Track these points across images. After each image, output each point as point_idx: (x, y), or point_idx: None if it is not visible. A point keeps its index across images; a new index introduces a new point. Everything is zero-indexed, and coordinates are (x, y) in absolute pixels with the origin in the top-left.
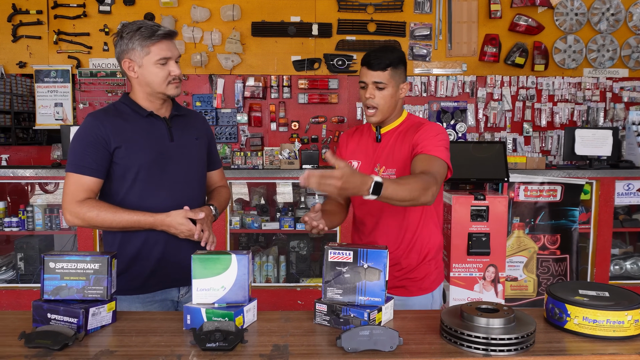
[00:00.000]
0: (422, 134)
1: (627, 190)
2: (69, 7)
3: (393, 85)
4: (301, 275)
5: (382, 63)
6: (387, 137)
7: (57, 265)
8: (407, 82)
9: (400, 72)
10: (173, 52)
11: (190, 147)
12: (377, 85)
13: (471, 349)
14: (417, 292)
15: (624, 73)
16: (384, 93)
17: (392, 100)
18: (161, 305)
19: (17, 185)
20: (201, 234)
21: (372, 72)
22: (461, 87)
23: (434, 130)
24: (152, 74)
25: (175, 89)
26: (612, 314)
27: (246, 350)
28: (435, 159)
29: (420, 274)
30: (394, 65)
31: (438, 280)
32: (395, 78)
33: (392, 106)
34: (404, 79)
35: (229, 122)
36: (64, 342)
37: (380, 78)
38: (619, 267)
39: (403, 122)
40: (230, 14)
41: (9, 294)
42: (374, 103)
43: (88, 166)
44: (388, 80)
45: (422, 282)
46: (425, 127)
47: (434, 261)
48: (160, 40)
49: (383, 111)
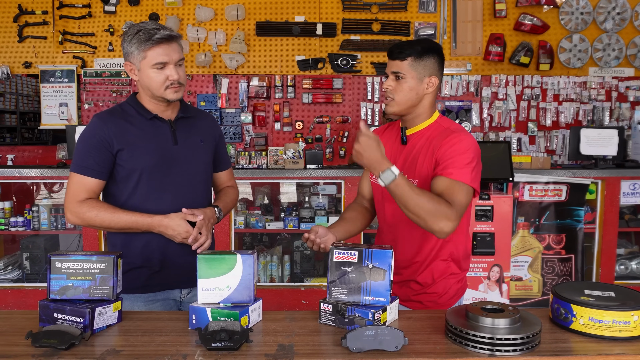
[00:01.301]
0: (447, 150)
1: (633, 190)
2: (74, 7)
3: (414, 77)
4: (305, 275)
5: (402, 52)
6: (414, 141)
7: (63, 265)
8: (436, 77)
9: (426, 65)
10: (171, 56)
11: (195, 150)
12: (396, 75)
13: (476, 349)
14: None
15: (629, 72)
16: (402, 84)
17: (411, 93)
18: (163, 304)
19: (22, 185)
20: (198, 236)
21: (392, 61)
22: (466, 87)
23: (461, 146)
24: (149, 78)
25: (174, 94)
26: (618, 314)
27: (251, 350)
28: (459, 186)
29: (439, 290)
30: (417, 56)
31: (458, 294)
32: (417, 69)
33: (412, 100)
34: (431, 73)
35: (233, 122)
36: (70, 341)
37: (398, 68)
38: (625, 267)
39: (432, 125)
40: (235, 13)
41: (15, 294)
42: (391, 94)
43: (90, 167)
44: (407, 71)
45: (439, 298)
46: (451, 141)
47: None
48: (157, 44)
49: (400, 103)
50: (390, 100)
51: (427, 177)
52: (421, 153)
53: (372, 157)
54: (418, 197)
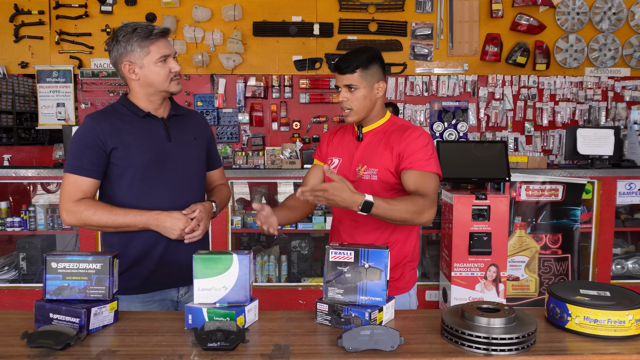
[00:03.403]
0: (408, 144)
1: (629, 189)
2: (70, 7)
3: (365, 86)
4: (303, 274)
5: (350, 66)
6: (369, 137)
7: (59, 265)
8: (383, 82)
9: (373, 72)
10: (170, 49)
11: (189, 147)
12: (348, 87)
13: (472, 348)
14: (395, 292)
15: (625, 72)
16: (356, 94)
17: (365, 100)
18: (161, 304)
19: (19, 185)
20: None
21: (342, 75)
22: (462, 87)
23: (421, 141)
24: (154, 73)
25: (177, 86)
26: (613, 313)
27: (247, 350)
28: (428, 176)
29: (396, 275)
30: (363, 67)
31: (412, 280)
32: (366, 79)
33: (368, 106)
34: (379, 78)
35: (230, 122)
36: (66, 341)
37: (350, 81)
38: (621, 267)
39: (386, 123)
40: (232, 13)
41: (11, 294)
42: (348, 105)
43: (85, 167)
44: (359, 82)
45: (398, 282)
46: (410, 136)
47: (409, 264)
48: (158, 39)
49: (358, 112)
50: (348, 111)
51: (386, 165)
52: (380, 146)
53: (345, 197)
54: (399, 206)
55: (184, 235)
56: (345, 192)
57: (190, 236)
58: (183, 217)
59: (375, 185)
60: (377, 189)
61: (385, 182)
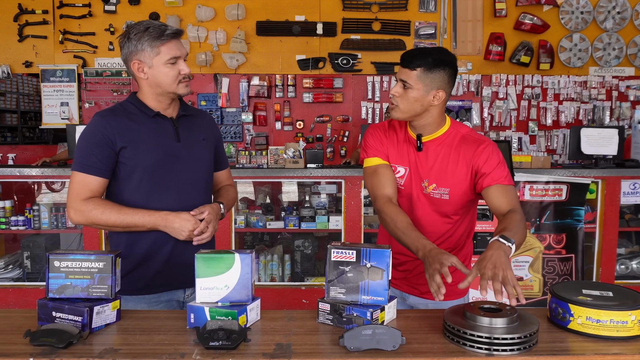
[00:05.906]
0: (487, 160)
1: (633, 189)
2: (74, 6)
3: (420, 88)
4: (306, 274)
5: (412, 62)
6: (431, 148)
7: (62, 264)
8: (443, 91)
9: (435, 78)
10: (182, 51)
11: (197, 148)
12: (403, 83)
13: (474, 348)
14: (453, 296)
15: (630, 72)
16: (408, 93)
17: (415, 103)
18: (167, 305)
19: (23, 184)
20: (206, 228)
21: (402, 68)
22: (466, 86)
23: (497, 154)
24: (163, 74)
25: (185, 88)
26: (615, 313)
27: (249, 349)
28: (510, 189)
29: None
30: (427, 68)
31: None
32: (425, 81)
33: (417, 110)
34: (439, 86)
35: (233, 121)
36: (68, 340)
37: (406, 77)
38: (625, 267)
39: (447, 133)
40: (235, 13)
41: (15, 292)
42: (395, 101)
43: (93, 165)
44: (414, 82)
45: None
46: (485, 150)
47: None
48: (170, 39)
49: (403, 111)
50: (394, 106)
51: (460, 183)
52: (449, 162)
53: (505, 260)
54: (523, 231)
55: (192, 237)
56: (503, 258)
57: (199, 238)
58: (192, 219)
59: (445, 204)
60: (447, 208)
61: (456, 202)
